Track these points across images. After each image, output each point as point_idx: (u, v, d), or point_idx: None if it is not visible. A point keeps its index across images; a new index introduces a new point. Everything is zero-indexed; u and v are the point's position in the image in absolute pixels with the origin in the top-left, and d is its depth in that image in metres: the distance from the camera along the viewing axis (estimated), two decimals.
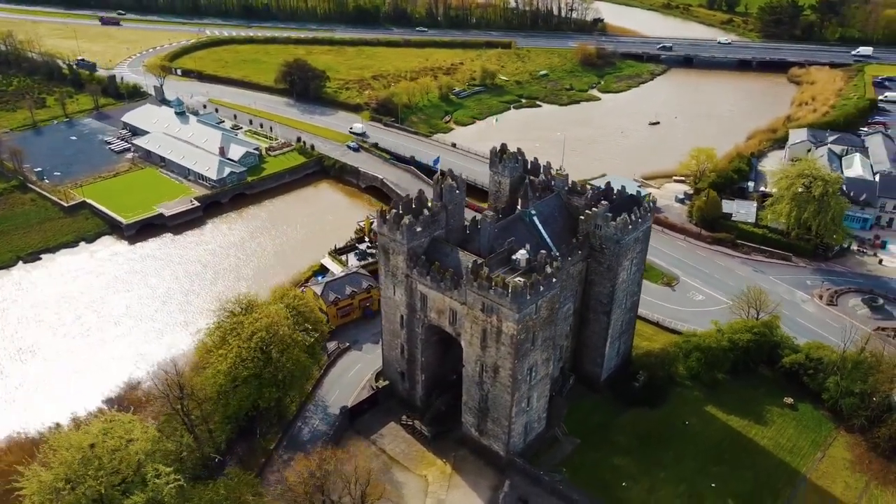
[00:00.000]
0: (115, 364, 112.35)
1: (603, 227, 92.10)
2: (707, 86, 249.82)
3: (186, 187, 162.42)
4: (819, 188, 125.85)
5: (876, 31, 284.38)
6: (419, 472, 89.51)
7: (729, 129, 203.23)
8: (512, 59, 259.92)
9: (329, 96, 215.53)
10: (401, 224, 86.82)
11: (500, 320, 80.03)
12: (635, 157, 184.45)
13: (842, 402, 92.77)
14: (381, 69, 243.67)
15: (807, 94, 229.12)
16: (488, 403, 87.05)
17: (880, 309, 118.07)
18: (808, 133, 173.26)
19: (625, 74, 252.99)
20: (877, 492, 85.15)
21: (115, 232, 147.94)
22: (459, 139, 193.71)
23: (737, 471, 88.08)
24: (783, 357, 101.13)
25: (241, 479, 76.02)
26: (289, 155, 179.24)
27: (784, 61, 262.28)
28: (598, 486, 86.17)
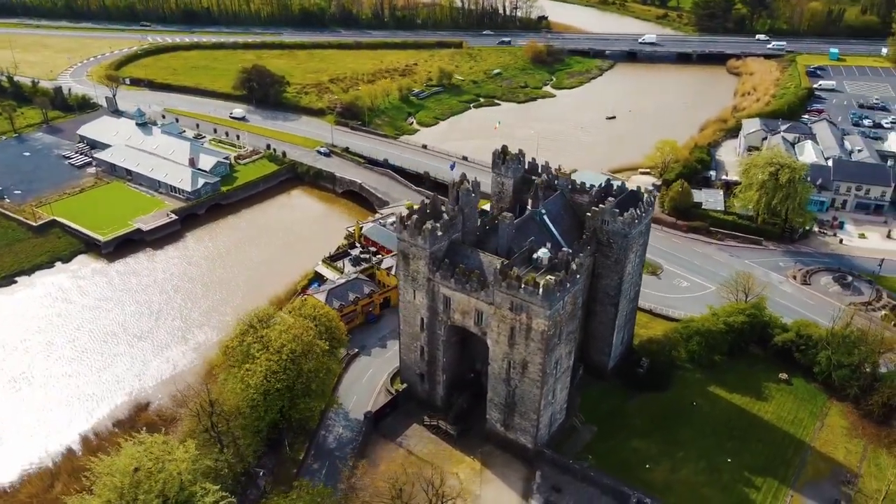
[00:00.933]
0: (118, 385, 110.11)
1: (610, 222, 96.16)
2: (653, 79, 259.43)
3: (159, 200, 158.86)
4: (786, 175, 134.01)
5: (801, 22, 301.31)
6: (450, 470, 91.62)
7: (680, 121, 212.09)
8: (464, 58, 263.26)
9: (289, 101, 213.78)
10: (423, 229, 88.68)
11: (529, 318, 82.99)
12: (598, 152, 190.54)
13: (834, 375, 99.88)
14: (336, 72, 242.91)
15: (748, 85, 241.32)
16: (515, 399, 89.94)
17: (850, 286, 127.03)
18: (761, 122, 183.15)
19: (575, 70, 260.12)
20: (874, 455, 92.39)
21: (91, 250, 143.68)
22: (425, 140, 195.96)
23: (748, 444, 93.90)
24: (774, 336, 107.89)
25: (318, 490, 76.39)
26: (259, 163, 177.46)
27: (722, 53, 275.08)
28: (622, 470, 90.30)
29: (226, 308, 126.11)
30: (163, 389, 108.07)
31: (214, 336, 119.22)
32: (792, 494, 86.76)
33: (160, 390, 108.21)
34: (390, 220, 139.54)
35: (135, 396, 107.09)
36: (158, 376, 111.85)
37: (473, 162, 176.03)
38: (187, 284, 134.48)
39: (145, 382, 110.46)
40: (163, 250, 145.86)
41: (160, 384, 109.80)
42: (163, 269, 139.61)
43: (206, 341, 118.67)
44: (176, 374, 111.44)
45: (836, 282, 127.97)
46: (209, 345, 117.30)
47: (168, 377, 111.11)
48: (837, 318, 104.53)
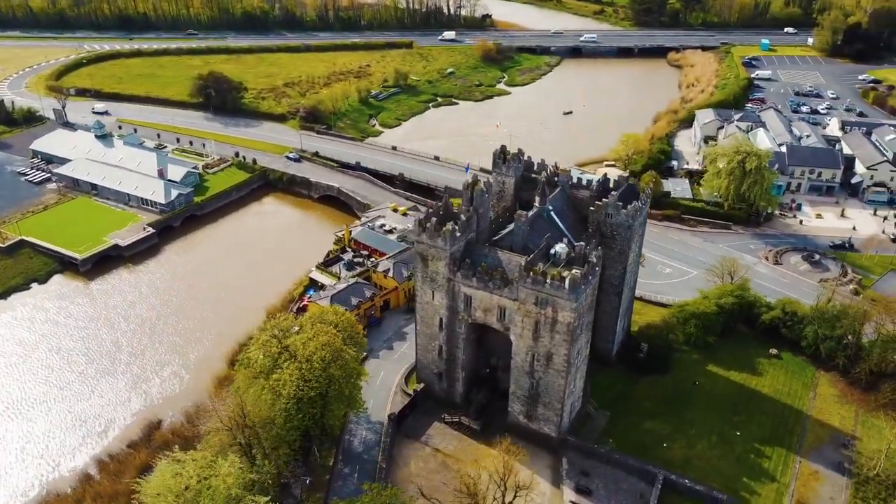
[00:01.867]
0: (123, 405, 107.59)
1: (614, 215, 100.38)
2: (600, 74, 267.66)
3: (132, 214, 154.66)
4: (753, 162, 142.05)
5: (731, 15, 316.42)
6: (478, 464, 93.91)
7: (632, 114, 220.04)
8: (416, 58, 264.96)
9: (248, 108, 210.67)
10: (442, 231, 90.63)
11: (555, 311, 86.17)
12: (561, 147, 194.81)
13: (821, 347, 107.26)
14: (289, 76, 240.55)
15: (691, 77, 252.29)
16: (539, 390, 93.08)
17: (818, 263, 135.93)
18: (715, 112, 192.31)
19: (525, 67, 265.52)
20: (865, 418, 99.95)
21: (68, 269, 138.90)
22: (390, 141, 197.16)
23: (753, 417, 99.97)
24: (761, 315, 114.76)
25: (390, 491, 77.10)
26: (228, 171, 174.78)
27: (662, 47, 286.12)
28: (641, 450, 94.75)
29: (220, 320, 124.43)
30: (172, 406, 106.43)
31: (214, 349, 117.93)
32: (800, 461, 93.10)
33: (169, 407, 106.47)
34: (378, 222, 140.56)
35: (144, 415, 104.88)
36: (164, 393, 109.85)
37: (446, 162, 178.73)
38: (175, 299, 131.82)
39: (151, 400, 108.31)
40: (143, 265, 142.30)
41: (167, 401, 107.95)
42: (147, 284, 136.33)
43: (208, 355, 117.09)
44: (183, 391, 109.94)
45: (805, 260, 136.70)
46: (211, 358, 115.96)
47: (175, 393, 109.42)
48: (821, 294, 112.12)
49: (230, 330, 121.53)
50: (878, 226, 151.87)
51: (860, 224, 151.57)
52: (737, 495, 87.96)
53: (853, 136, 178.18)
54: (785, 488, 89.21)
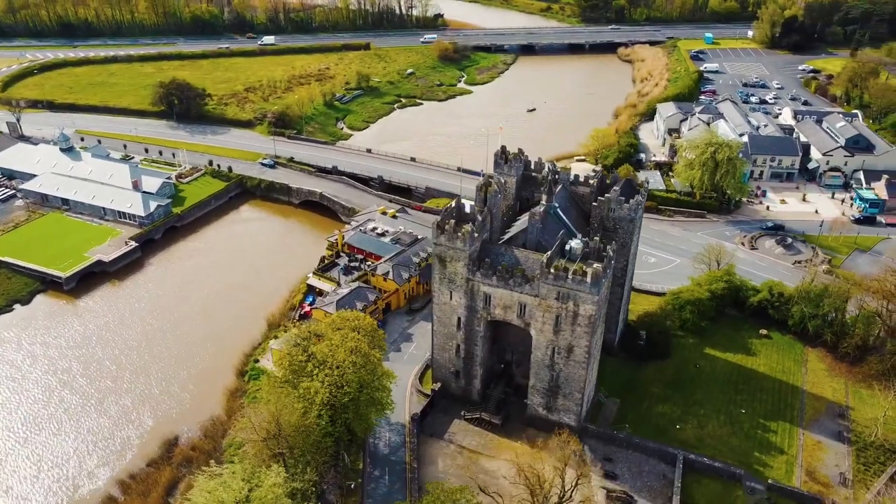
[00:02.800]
0: (134, 424, 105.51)
1: (616, 209, 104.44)
2: (555, 70, 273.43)
3: (109, 228, 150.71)
4: (725, 153, 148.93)
5: (673, 10, 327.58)
6: (503, 457, 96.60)
7: (593, 109, 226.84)
8: (374, 60, 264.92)
9: (214, 114, 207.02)
10: (462, 232, 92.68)
11: (577, 305, 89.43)
12: (531, 143, 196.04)
13: (808, 325, 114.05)
14: (248, 81, 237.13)
15: (643, 71, 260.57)
16: (559, 382, 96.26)
17: (790, 246, 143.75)
18: (676, 106, 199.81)
19: (483, 66, 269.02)
20: (854, 390, 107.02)
21: (51, 288, 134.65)
22: (360, 143, 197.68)
23: (754, 395, 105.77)
24: (748, 298, 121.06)
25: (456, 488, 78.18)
26: (202, 180, 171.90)
27: (612, 42, 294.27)
28: (656, 433, 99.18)
29: (220, 332, 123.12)
30: (185, 421, 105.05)
31: (219, 361, 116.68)
32: (803, 433, 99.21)
33: (182, 422, 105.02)
34: (369, 226, 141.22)
35: (158, 433, 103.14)
36: (175, 409, 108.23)
37: (421, 162, 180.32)
38: (169, 313, 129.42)
39: (162, 417, 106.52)
40: (130, 280, 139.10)
41: (179, 416, 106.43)
42: (137, 299, 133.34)
43: (213, 367, 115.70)
44: (194, 405, 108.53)
45: (778, 244, 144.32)
46: (218, 370, 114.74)
47: (186, 408, 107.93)
48: (806, 276, 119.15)
49: (232, 341, 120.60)
50: (837, 208, 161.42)
51: (821, 207, 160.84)
52: (750, 469, 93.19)
53: (806, 125, 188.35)
54: (793, 459, 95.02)
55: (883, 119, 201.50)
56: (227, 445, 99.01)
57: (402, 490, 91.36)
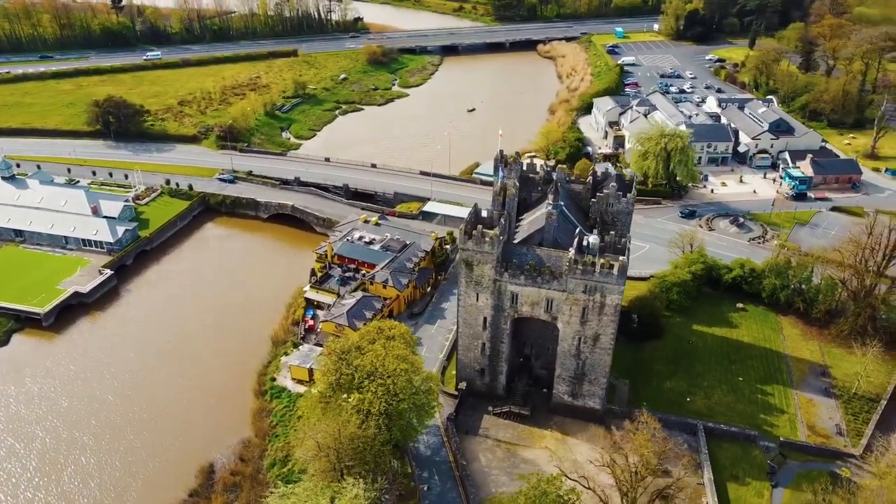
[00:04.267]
0: (160, 456, 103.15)
1: (615, 203, 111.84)
2: (481, 69, 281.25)
3: (75, 258, 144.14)
4: (678, 143, 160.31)
5: (580, 6, 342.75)
6: (538, 446, 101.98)
7: (528, 105, 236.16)
8: (304, 66, 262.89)
9: (154, 131, 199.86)
10: (489, 237, 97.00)
11: (603, 296, 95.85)
12: (479, 143, 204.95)
13: (780, 296, 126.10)
14: (179, 94, 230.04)
15: (567, 67, 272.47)
16: (585, 369, 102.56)
17: (743, 226, 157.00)
18: (613, 100, 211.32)
19: (412, 68, 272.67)
20: (827, 349, 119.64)
21: (28, 326, 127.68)
22: (311, 151, 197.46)
23: (746, 363, 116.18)
24: (723, 276, 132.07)
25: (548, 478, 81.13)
26: (160, 200, 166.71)
27: (530, 40, 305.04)
28: (671, 407, 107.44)
29: (224, 353, 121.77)
30: (213, 447, 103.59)
31: (232, 383, 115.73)
32: (796, 393, 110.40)
33: (211, 449, 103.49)
34: (355, 235, 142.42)
35: (189, 463, 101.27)
36: (199, 436, 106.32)
37: (383, 168, 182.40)
38: (163, 340, 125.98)
39: (189, 446, 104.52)
40: (111, 310, 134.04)
41: (207, 444, 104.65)
42: (124, 329, 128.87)
43: (227, 390, 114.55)
44: (218, 430, 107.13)
45: (732, 224, 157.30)
46: (234, 393, 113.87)
47: (212, 435, 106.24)
48: (774, 253, 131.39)
49: (238, 361, 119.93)
50: (770, 187, 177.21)
51: (758, 187, 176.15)
52: (760, 430, 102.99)
53: (731, 112, 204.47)
54: (794, 417, 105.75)
55: (791, 102, 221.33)
56: (268, 466, 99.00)
57: (454, 488, 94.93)
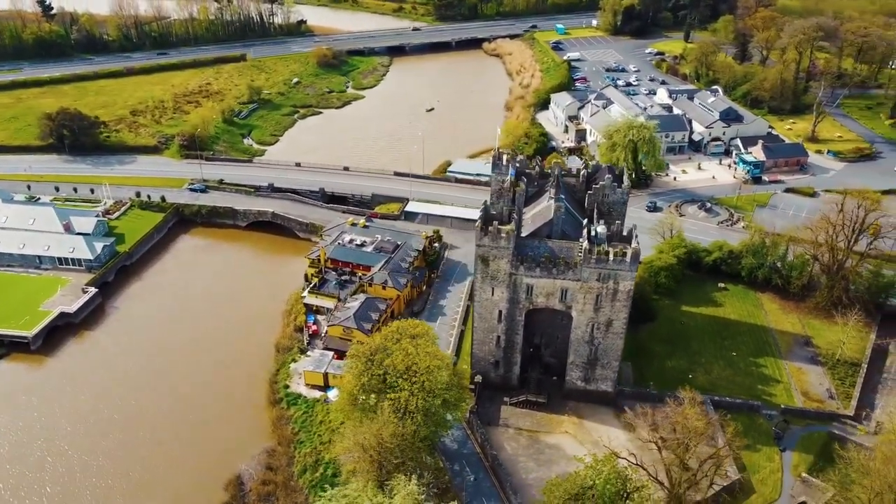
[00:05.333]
0: (183, 471, 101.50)
1: (610, 194, 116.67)
2: (431, 69, 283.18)
3: (53, 277, 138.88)
4: (646, 133, 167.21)
5: (519, 3, 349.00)
6: (559, 431, 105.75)
7: (484, 102, 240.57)
8: (254, 71, 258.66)
9: (112, 143, 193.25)
10: (505, 232, 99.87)
11: (616, 283, 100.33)
12: (444, 142, 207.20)
13: (758, 274, 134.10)
14: (129, 103, 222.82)
15: (515, 64, 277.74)
16: (598, 354, 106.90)
17: (710, 210, 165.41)
18: (570, 95, 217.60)
19: (363, 70, 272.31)
20: (806, 321, 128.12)
21: (14, 350, 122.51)
22: (279, 156, 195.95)
23: (736, 339, 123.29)
24: (703, 258, 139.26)
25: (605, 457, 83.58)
26: (131, 214, 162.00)
27: (476, 38, 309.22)
28: (676, 384, 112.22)
29: (230, 364, 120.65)
30: (239, 460, 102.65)
31: (244, 393, 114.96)
32: (786, 363, 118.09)
33: (235, 462, 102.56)
34: (346, 238, 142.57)
35: (214, 476, 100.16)
36: (218, 450, 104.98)
37: (356, 170, 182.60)
38: (161, 355, 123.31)
39: (211, 461, 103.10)
40: (99, 329, 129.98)
41: (229, 457, 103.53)
42: (118, 348, 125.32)
43: (240, 400, 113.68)
44: (238, 440, 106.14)
45: (700, 209, 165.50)
46: (247, 402, 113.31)
47: (232, 445, 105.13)
48: (750, 234, 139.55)
49: (244, 371, 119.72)
50: (726, 172, 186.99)
51: (716, 173, 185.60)
52: (761, 399, 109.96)
53: (682, 102, 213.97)
54: (788, 385, 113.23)
55: (732, 92, 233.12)
56: (299, 473, 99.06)
57: (486, 478, 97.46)
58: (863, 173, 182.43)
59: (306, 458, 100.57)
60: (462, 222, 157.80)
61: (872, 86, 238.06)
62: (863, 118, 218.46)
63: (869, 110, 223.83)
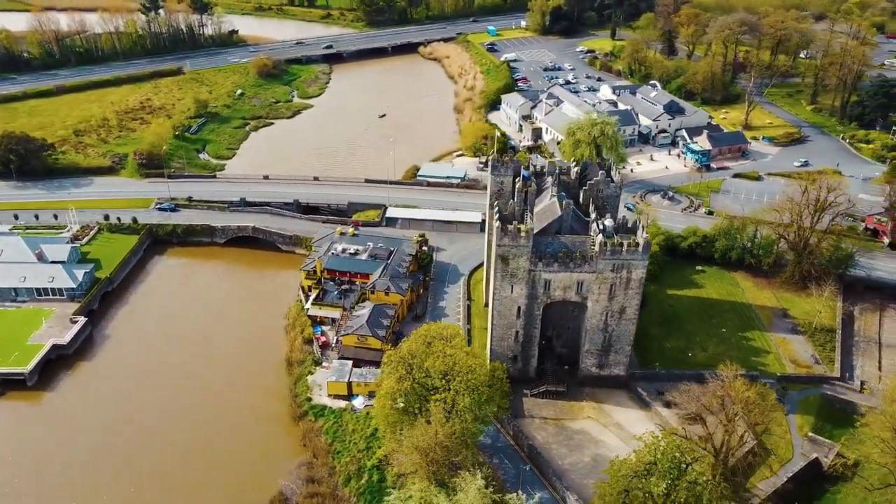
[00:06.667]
0: (225, 496, 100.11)
1: (604, 189, 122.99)
2: (373, 74, 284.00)
3: (34, 309, 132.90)
4: (609, 129, 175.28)
5: (447, 7, 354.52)
6: (582, 417, 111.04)
7: (432, 106, 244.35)
8: (194, 84, 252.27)
9: (63, 165, 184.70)
10: (524, 231, 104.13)
11: (629, 271, 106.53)
12: (401, 147, 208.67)
13: (732, 255, 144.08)
14: (68, 123, 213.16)
15: (455, 67, 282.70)
16: (611, 341, 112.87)
17: (673, 198, 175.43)
18: (522, 95, 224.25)
19: (305, 78, 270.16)
20: (779, 295, 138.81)
21: (10, 388, 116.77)
22: (238, 170, 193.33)
23: (723, 316, 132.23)
24: (679, 244, 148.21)
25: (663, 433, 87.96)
26: (100, 238, 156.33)
27: (411, 43, 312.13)
28: (679, 363, 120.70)
29: (243, 384, 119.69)
30: (275, 476, 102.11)
31: (262, 411, 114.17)
32: (771, 336, 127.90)
33: (272, 478, 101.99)
34: (339, 248, 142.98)
35: (256, 497, 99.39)
36: (252, 468, 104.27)
37: (326, 179, 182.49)
38: (167, 381, 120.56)
39: (245, 479, 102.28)
40: (96, 360, 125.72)
41: (263, 475, 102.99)
42: (119, 378, 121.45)
43: (260, 418, 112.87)
44: (270, 459, 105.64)
45: (664, 198, 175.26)
46: (270, 419, 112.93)
47: (266, 465, 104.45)
48: (720, 219, 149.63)
49: (258, 386, 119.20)
50: (676, 162, 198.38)
51: (668, 164, 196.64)
52: (757, 370, 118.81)
53: (626, 98, 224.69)
54: (777, 355, 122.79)
55: (666, 86, 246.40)
56: (343, 482, 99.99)
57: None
58: (796, 156, 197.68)
59: (348, 466, 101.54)
60: (443, 224, 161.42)
61: (790, 75, 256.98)
62: (787, 105, 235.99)
63: (790, 97, 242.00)
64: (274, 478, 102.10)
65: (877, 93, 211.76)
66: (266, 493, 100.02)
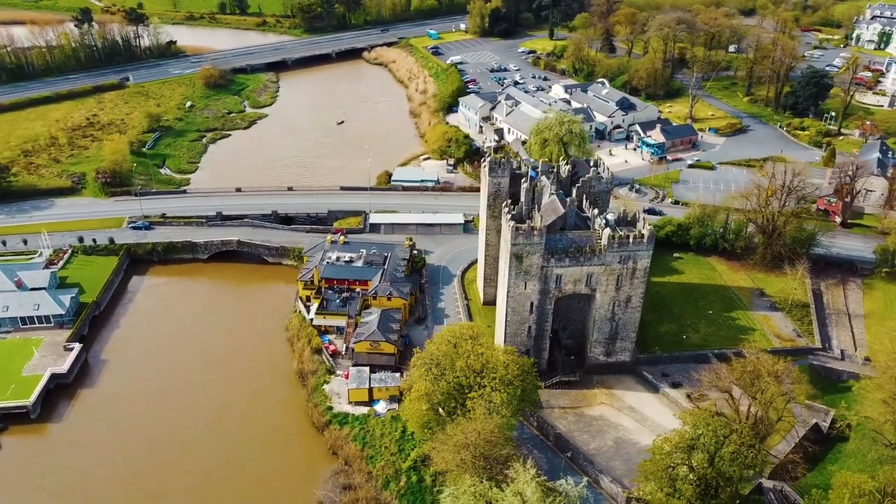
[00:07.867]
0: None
1: (596, 185, 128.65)
2: (321, 81, 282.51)
3: (22, 339, 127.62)
4: (576, 127, 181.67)
5: (384, 11, 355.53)
6: (597, 403, 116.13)
7: (388, 112, 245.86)
8: (140, 98, 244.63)
9: (20, 188, 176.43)
10: (537, 230, 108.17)
11: (635, 262, 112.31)
12: (364, 153, 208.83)
13: (706, 241, 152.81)
14: (12, 143, 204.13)
15: (403, 71, 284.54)
16: (618, 329, 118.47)
17: (639, 191, 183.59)
18: (480, 97, 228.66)
19: (254, 88, 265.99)
20: (752, 274, 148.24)
21: (13, 422, 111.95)
22: (203, 184, 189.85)
23: (708, 299, 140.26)
24: (657, 233, 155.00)
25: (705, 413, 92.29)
26: (76, 261, 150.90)
27: (354, 48, 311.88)
28: (676, 346, 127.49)
29: (256, 400, 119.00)
30: (309, 487, 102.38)
31: (282, 426, 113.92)
32: (753, 314, 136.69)
33: (306, 489, 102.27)
34: (333, 256, 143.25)
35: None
36: (284, 482, 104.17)
37: (301, 189, 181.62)
38: (176, 404, 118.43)
39: (280, 494, 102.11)
40: (97, 387, 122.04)
41: (296, 487, 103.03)
42: (126, 403, 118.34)
43: (286, 427, 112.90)
44: (299, 472, 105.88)
45: (630, 191, 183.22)
46: (291, 430, 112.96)
47: (298, 479, 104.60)
48: (692, 208, 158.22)
49: (272, 399, 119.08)
50: (635, 155, 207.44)
51: (628, 158, 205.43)
52: (749, 347, 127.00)
53: (578, 95, 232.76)
54: (763, 332, 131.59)
55: (612, 83, 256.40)
56: (382, 485, 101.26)
57: (555, 456, 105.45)
58: (741, 145, 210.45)
59: (384, 470, 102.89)
60: (426, 227, 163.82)
61: (724, 68, 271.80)
62: (724, 97, 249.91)
63: (726, 90, 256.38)
64: (308, 489, 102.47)
65: (808, 83, 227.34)
66: (317, 499, 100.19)
